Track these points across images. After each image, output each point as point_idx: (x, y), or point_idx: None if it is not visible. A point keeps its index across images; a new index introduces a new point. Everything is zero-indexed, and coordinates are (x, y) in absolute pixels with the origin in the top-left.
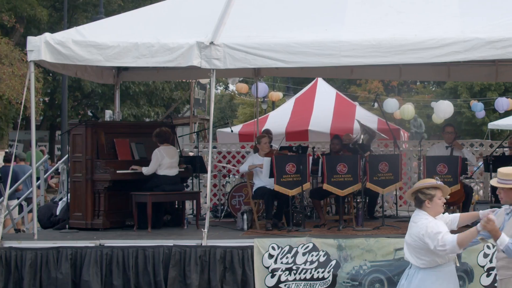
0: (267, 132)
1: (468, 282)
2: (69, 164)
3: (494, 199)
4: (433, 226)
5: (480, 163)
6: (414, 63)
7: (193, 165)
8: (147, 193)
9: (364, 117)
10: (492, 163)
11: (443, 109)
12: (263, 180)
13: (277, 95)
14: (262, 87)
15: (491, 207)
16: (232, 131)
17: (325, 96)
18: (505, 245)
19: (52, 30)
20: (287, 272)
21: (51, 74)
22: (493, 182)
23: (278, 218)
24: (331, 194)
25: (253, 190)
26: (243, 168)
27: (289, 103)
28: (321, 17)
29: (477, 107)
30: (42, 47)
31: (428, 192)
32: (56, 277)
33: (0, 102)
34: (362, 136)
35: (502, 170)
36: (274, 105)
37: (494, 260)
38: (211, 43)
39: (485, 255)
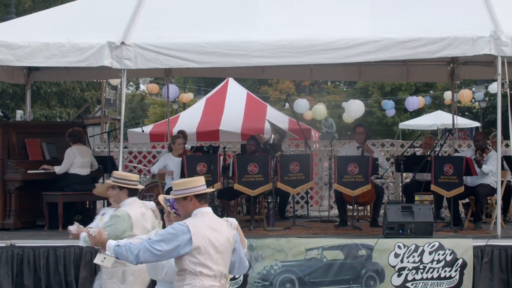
0: (182, 133)
1: (379, 282)
2: None
3: (405, 199)
4: None
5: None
6: (325, 63)
7: (104, 165)
8: (58, 193)
9: (275, 117)
10: (403, 163)
11: (354, 108)
12: (174, 180)
13: (187, 96)
14: (173, 89)
15: (402, 208)
16: (143, 131)
17: (236, 96)
18: (112, 249)
19: None
20: None
21: None
22: (160, 198)
23: None
24: (242, 194)
25: (164, 190)
26: (154, 169)
27: (200, 103)
28: (233, 18)
29: (388, 104)
30: None
31: None
32: None
33: None
34: (273, 136)
35: (176, 182)
36: (185, 106)
37: (406, 260)
38: (122, 43)
39: (396, 255)
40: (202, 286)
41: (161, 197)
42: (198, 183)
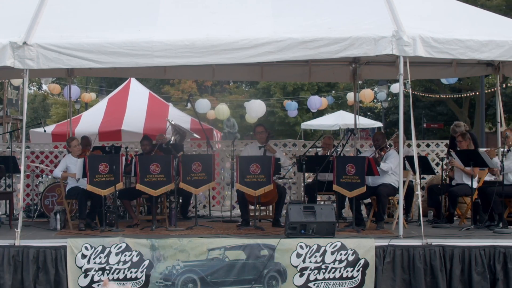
0: (86, 139)
1: (281, 282)
2: None
3: (307, 199)
4: None
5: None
6: (228, 63)
7: (6, 165)
8: None
9: (178, 117)
10: (305, 163)
11: (255, 108)
12: (78, 180)
13: (89, 96)
14: (75, 89)
15: (304, 208)
16: (45, 131)
17: (138, 96)
18: None
19: None
20: (100, 272)
21: None
22: None
23: (91, 218)
24: (144, 194)
25: (66, 190)
26: (56, 173)
27: (102, 103)
28: (135, 18)
29: (291, 106)
30: None
31: None
32: None
33: None
34: (173, 137)
35: None
36: (87, 106)
37: (308, 260)
38: (24, 43)
39: (298, 255)
40: None
41: None
42: None
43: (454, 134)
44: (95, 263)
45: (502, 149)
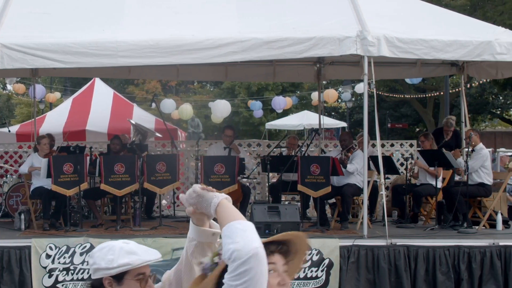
0: (49, 136)
1: None
2: None
3: (272, 199)
4: None
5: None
6: (192, 63)
7: None
8: None
9: (142, 117)
10: (270, 163)
11: (220, 108)
12: (41, 180)
13: (53, 96)
14: (39, 89)
15: (268, 207)
16: (9, 131)
17: (102, 96)
18: None
19: None
20: (64, 272)
21: None
22: None
23: (55, 218)
24: (109, 194)
25: (31, 190)
26: (23, 169)
27: (67, 103)
28: (99, 18)
29: (255, 105)
30: None
31: None
32: None
33: None
34: (135, 137)
35: None
36: (51, 106)
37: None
38: None
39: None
40: None
41: None
42: None
43: (448, 128)
44: (59, 263)
45: (466, 149)
